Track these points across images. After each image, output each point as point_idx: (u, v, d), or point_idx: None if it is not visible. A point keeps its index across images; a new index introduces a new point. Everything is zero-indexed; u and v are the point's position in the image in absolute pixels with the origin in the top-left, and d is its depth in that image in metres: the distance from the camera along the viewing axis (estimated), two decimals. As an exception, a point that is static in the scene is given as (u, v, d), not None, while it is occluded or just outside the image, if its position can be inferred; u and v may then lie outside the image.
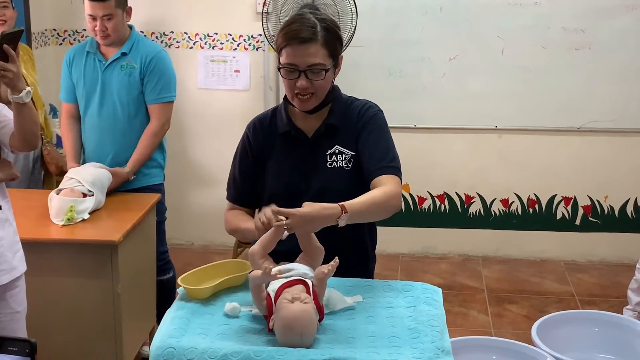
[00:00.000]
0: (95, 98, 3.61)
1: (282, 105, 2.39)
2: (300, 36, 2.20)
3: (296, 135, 2.35)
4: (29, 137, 2.57)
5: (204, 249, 5.23)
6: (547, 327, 2.77)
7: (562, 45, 4.74)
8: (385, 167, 2.26)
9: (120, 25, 3.54)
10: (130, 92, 3.59)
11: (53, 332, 3.08)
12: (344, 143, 2.32)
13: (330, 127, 2.33)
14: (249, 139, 2.40)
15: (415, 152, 4.96)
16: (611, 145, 4.91)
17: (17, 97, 2.44)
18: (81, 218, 3.19)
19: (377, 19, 4.78)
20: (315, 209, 2.04)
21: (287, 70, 2.24)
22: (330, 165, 2.31)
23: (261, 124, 2.41)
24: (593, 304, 4.41)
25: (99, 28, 3.48)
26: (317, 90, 2.25)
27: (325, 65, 2.23)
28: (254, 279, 1.94)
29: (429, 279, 4.65)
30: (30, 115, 2.52)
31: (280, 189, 2.32)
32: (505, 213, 5.08)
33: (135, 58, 3.59)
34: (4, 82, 2.43)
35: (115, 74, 3.58)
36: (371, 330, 1.93)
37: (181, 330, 1.91)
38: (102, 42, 3.55)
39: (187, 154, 5.19)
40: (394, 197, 2.21)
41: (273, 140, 2.37)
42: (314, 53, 2.21)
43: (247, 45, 4.98)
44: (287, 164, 2.35)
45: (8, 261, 2.63)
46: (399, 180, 2.27)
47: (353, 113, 2.35)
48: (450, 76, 4.85)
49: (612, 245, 5.04)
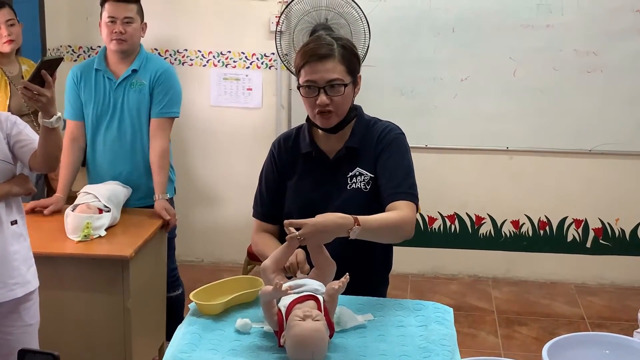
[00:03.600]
0: (108, 117, 3.56)
1: (306, 126, 2.41)
2: (318, 53, 2.24)
3: (317, 156, 2.36)
4: (51, 161, 2.65)
5: (213, 266, 5.23)
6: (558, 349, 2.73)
7: (574, 67, 4.75)
8: (402, 192, 2.27)
9: (138, 34, 3.54)
10: (142, 109, 3.56)
11: (64, 345, 3.06)
12: (363, 165, 2.33)
13: (350, 150, 2.34)
14: (274, 157, 2.43)
15: (426, 172, 4.92)
16: (623, 168, 4.91)
17: (47, 121, 2.51)
18: (98, 235, 3.19)
19: (390, 39, 4.80)
20: (329, 218, 2.05)
21: (306, 88, 2.26)
22: (349, 187, 2.32)
23: (285, 142, 2.43)
24: (603, 326, 4.39)
25: (117, 31, 3.44)
26: (337, 107, 2.27)
27: (344, 81, 2.25)
28: (265, 295, 1.95)
29: (439, 299, 4.62)
30: (56, 140, 2.59)
31: (298, 208, 2.32)
32: (515, 234, 5.08)
33: (145, 75, 3.56)
34: (37, 106, 2.52)
35: (127, 92, 3.55)
36: (382, 348, 1.94)
37: (192, 345, 1.92)
38: (116, 47, 3.48)
39: (199, 171, 5.21)
40: (408, 223, 2.21)
41: (295, 160, 2.39)
42: (331, 69, 2.23)
43: (260, 64, 5.01)
44: (307, 184, 2.37)
45: (22, 275, 2.66)
46: (415, 207, 2.27)
47: (374, 135, 2.36)
48: (462, 97, 4.86)
49: (623, 268, 5.02)
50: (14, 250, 2.63)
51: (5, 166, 2.63)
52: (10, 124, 2.64)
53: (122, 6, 3.46)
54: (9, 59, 3.99)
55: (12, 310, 2.65)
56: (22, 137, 2.64)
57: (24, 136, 2.64)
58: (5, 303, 2.62)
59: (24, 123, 2.71)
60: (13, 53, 4.01)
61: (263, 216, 2.45)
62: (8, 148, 2.62)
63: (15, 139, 2.62)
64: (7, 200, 2.63)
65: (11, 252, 2.62)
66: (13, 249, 2.63)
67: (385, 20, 4.75)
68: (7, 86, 3.91)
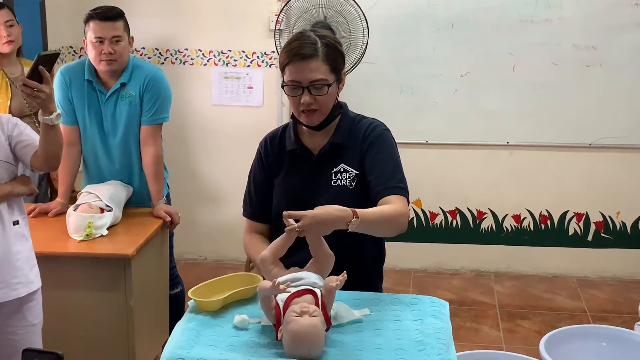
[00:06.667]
0: (101, 128, 3.50)
1: (291, 123, 2.43)
2: (301, 52, 2.24)
3: (302, 153, 2.38)
4: (52, 159, 2.66)
5: (216, 264, 5.26)
6: (555, 342, 2.78)
7: (573, 62, 4.77)
8: (393, 187, 2.28)
9: (126, 51, 3.42)
10: (133, 120, 3.50)
11: (67, 344, 3.10)
12: (348, 161, 2.35)
13: (335, 146, 2.35)
14: (261, 156, 2.44)
15: (427, 168, 4.99)
16: (623, 162, 4.92)
17: (47, 118, 2.52)
18: (100, 234, 3.21)
19: (389, 36, 4.82)
20: (328, 210, 2.06)
21: (290, 87, 2.28)
22: (334, 184, 2.34)
23: (272, 141, 2.45)
24: (605, 319, 4.40)
25: (105, 51, 3.31)
26: (321, 106, 2.29)
27: (328, 81, 2.27)
28: (263, 290, 1.97)
29: (441, 294, 4.66)
30: (56, 137, 2.60)
31: (286, 206, 2.30)
32: (517, 229, 5.09)
33: (134, 86, 3.46)
34: (36, 103, 2.52)
35: (118, 104, 3.46)
36: (378, 343, 1.95)
37: (191, 341, 1.94)
38: (106, 67, 3.37)
39: (202, 170, 5.24)
40: (403, 216, 2.23)
41: (282, 158, 2.41)
42: (315, 69, 2.24)
43: (260, 62, 5.04)
44: (294, 181, 2.38)
45: (25, 274, 2.69)
46: (407, 201, 2.29)
47: (359, 132, 2.37)
48: (462, 93, 4.88)
49: (625, 261, 5.04)
50: (16, 250, 2.66)
51: (7, 167, 2.65)
52: (12, 126, 2.66)
53: (108, 25, 3.33)
54: (10, 60, 4.02)
55: (15, 310, 2.68)
56: (23, 138, 2.66)
57: (25, 136, 2.66)
58: (9, 303, 2.65)
59: (25, 124, 2.73)
60: (14, 54, 4.04)
61: (253, 215, 2.47)
62: (10, 149, 2.65)
63: (17, 139, 2.65)
64: (9, 201, 2.65)
65: (14, 252, 2.65)
66: (16, 249, 2.66)
67: (384, 18, 4.77)
68: (8, 88, 3.94)
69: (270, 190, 2.43)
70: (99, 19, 3.33)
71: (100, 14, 3.34)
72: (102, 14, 3.34)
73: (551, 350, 2.69)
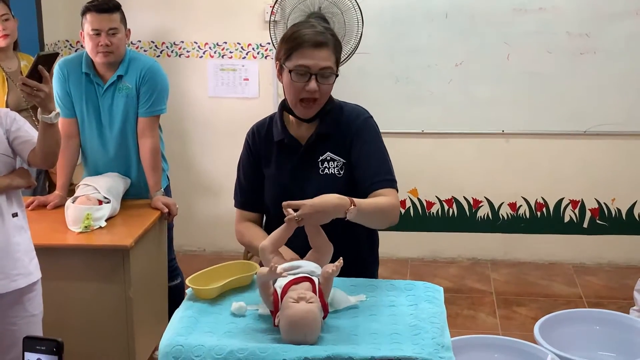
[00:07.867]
0: (98, 121, 3.53)
1: (278, 114, 2.43)
2: (315, 39, 2.24)
3: (290, 143, 2.38)
4: (49, 157, 2.69)
5: (215, 255, 5.28)
6: (550, 326, 2.81)
7: (568, 50, 4.79)
8: (383, 180, 2.30)
9: (123, 43, 3.45)
10: (130, 112, 3.52)
11: (67, 335, 3.04)
12: (335, 150, 2.36)
13: (321, 135, 2.36)
14: (249, 146, 2.45)
15: (423, 157, 5.01)
16: (618, 149, 4.95)
17: (46, 117, 2.55)
18: (98, 225, 3.24)
19: (384, 26, 4.84)
20: (326, 199, 2.09)
21: (297, 73, 2.26)
22: (322, 172, 2.35)
23: (259, 131, 2.45)
24: (601, 305, 4.42)
25: (102, 43, 3.34)
26: (322, 96, 2.29)
27: (334, 71, 2.29)
28: (261, 277, 1.99)
29: (438, 282, 4.58)
30: (55, 135, 2.63)
31: (276, 196, 2.34)
32: (513, 217, 5.12)
33: (130, 78, 3.48)
34: (35, 102, 2.55)
35: (115, 97, 3.49)
36: (374, 327, 1.98)
37: (189, 328, 1.96)
38: (103, 59, 3.40)
39: (199, 161, 5.26)
40: (396, 208, 2.28)
41: (270, 148, 2.42)
42: (326, 57, 2.26)
43: (256, 54, 5.05)
44: (283, 171, 2.39)
45: (25, 266, 2.71)
46: (397, 193, 2.32)
47: (343, 120, 2.37)
48: (457, 82, 4.90)
49: (620, 247, 5.08)
50: (16, 242, 2.68)
51: (5, 160, 2.67)
52: (10, 120, 2.68)
53: (105, 17, 3.35)
54: (7, 55, 4.03)
55: (15, 301, 2.71)
56: (21, 134, 2.68)
57: (23, 132, 2.69)
58: (9, 294, 2.68)
59: (23, 119, 2.75)
60: (10, 48, 4.05)
61: (243, 205, 2.49)
62: (8, 143, 2.67)
63: (15, 135, 2.67)
64: (7, 193, 2.68)
65: (13, 243, 2.67)
66: (15, 240, 2.68)
67: (378, 8, 4.79)
68: (4, 82, 3.95)
69: (260, 180, 2.44)
70: (95, 11, 3.36)
71: (97, 6, 3.37)
72: (99, 6, 3.37)
73: (546, 334, 2.72)
